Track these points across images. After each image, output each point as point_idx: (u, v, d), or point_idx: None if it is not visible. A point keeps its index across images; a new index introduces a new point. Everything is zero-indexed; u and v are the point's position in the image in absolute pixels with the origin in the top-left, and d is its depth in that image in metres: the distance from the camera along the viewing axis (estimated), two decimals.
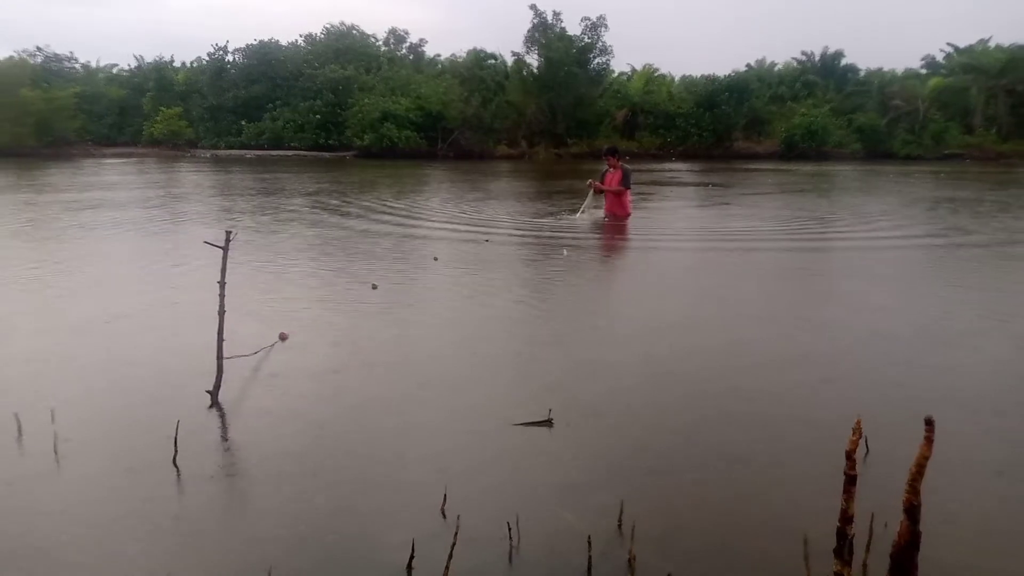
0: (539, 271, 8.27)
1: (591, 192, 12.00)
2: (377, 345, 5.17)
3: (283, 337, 5.12)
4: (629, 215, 11.81)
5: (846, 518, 2.13)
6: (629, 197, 11.86)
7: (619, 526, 2.76)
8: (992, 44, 45.53)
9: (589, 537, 2.54)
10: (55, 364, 4.68)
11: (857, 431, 2.13)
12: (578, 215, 11.99)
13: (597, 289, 7.65)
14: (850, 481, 2.13)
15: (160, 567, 2.54)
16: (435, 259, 8.40)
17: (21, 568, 2.54)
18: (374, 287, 6.80)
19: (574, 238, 10.38)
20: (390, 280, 7.29)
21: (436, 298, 6.78)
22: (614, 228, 11.37)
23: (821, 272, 8.73)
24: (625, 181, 11.64)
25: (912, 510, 2.07)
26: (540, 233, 10.89)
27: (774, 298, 6.92)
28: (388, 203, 15.17)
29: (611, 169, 11.80)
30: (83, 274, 7.71)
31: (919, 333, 5.57)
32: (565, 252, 9.04)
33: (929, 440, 2.05)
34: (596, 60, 42.93)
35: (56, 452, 3.35)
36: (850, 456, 2.12)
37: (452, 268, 8.16)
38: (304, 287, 7.05)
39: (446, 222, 12.08)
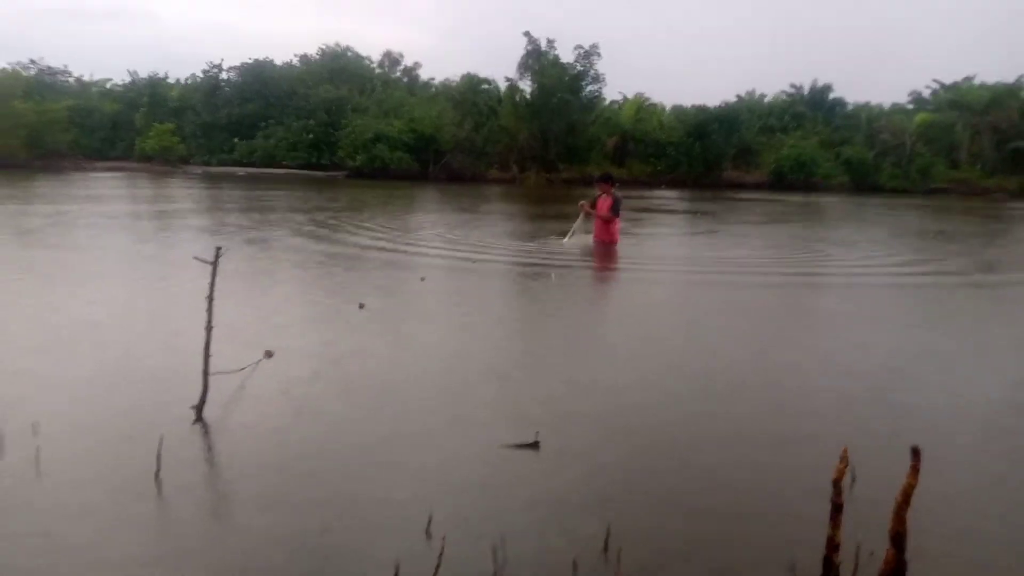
0: (526, 295, 8.29)
1: (581, 215, 12.05)
2: (363, 365, 5.14)
3: (268, 354, 5.09)
4: (616, 242, 11.85)
5: (832, 546, 2.13)
6: (618, 225, 11.89)
7: (605, 550, 2.74)
8: (977, 81, 46.36)
9: (575, 561, 2.53)
10: (38, 377, 4.62)
11: (844, 459, 2.14)
12: (567, 240, 12.02)
13: (585, 313, 7.66)
14: (836, 509, 2.13)
15: None
16: (422, 279, 8.41)
17: None
18: (361, 306, 6.78)
19: (562, 263, 10.40)
20: (377, 301, 7.28)
21: (423, 320, 6.77)
22: (602, 254, 11.41)
23: (810, 301, 8.78)
24: (615, 209, 11.64)
25: (898, 538, 2.08)
26: (527, 258, 10.91)
27: (764, 326, 6.94)
28: (378, 224, 15.19)
29: (602, 195, 11.81)
30: (68, 287, 7.65)
31: (907, 361, 5.60)
32: (552, 276, 9.06)
33: (915, 469, 2.06)
34: (588, 88, 43.41)
35: (38, 466, 3.30)
36: (837, 484, 2.13)
37: (439, 290, 8.16)
38: (291, 305, 7.04)
39: (435, 245, 12.10)
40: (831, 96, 50.30)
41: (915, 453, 2.05)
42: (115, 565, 2.62)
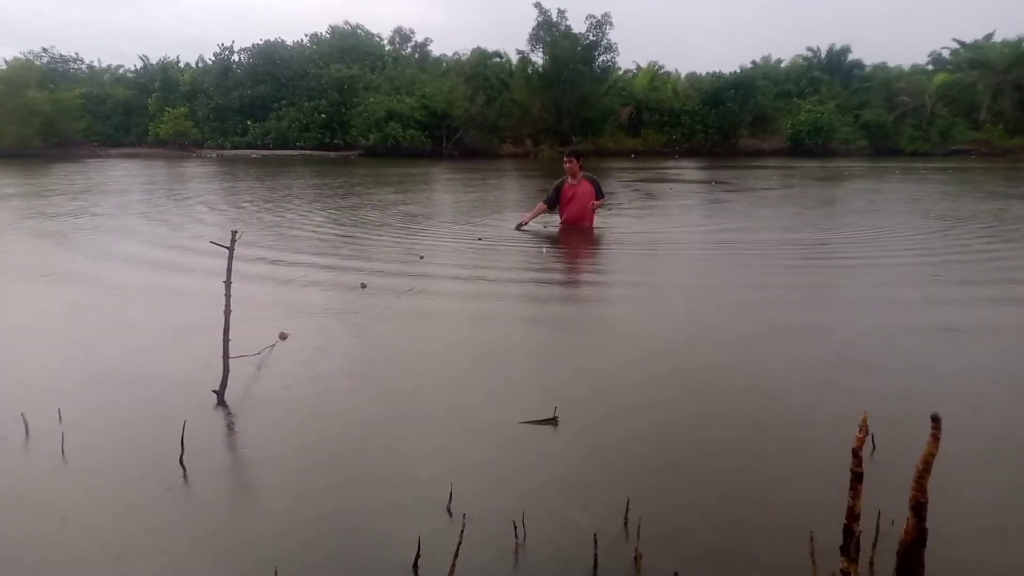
0: (539, 270, 8.26)
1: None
2: (380, 344, 5.17)
3: (283, 337, 5.11)
4: (592, 225, 10.51)
5: (852, 515, 2.12)
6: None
7: (625, 524, 2.75)
8: (998, 39, 45.36)
9: (595, 535, 2.54)
10: (61, 364, 4.69)
11: (863, 428, 2.12)
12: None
13: (601, 290, 7.63)
14: (856, 478, 2.12)
15: (167, 567, 2.55)
16: (420, 257, 8.40)
17: (27, 569, 2.55)
18: (363, 286, 6.80)
19: (557, 241, 10.36)
20: (389, 280, 7.29)
21: (435, 297, 6.78)
22: (577, 240, 10.15)
23: (826, 271, 8.69)
24: (599, 192, 10.28)
25: (919, 507, 2.06)
26: (542, 231, 10.85)
27: (779, 298, 6.90)
28: (388, 201, 15.19)
29: (571, 179, 10.09)
30: (86, 273, 7.72)
31: (926, 331, 5.55)
32: (544, 250, 9.03)
33: (936, 437, 2.03)
34: (601, 58, 42.99)
35: (63, 452, 3.36)
36: (856, 453, 2.12)
37: (450, 268, 8.16)
38: (304, 288, 7.06)
39: (445, 222, 12.09)
40: (849, 59, 49.50)
41: (935, 420, 2.02)
42: (140, 549, 2.67)
